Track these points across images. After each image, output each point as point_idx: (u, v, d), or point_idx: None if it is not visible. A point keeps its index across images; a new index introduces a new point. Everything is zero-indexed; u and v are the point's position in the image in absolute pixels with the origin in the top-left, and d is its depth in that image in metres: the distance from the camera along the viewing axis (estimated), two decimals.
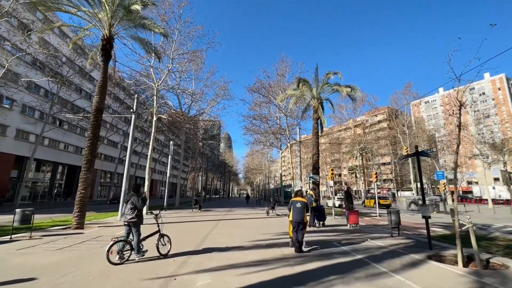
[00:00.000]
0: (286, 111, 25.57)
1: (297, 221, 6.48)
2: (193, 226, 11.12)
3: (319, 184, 16.88)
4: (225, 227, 10.89)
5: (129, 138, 14.52)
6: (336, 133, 64.54)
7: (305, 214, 6.58)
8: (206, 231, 9.51)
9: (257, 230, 10.03)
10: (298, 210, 6.57)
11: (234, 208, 23.92)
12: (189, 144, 42.45)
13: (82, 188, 10.38)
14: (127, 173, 13.95)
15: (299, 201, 6.75)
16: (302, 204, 6.66)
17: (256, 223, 12.35)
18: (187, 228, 10.38)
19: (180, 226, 11.10)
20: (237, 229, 10.22)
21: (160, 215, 6.05)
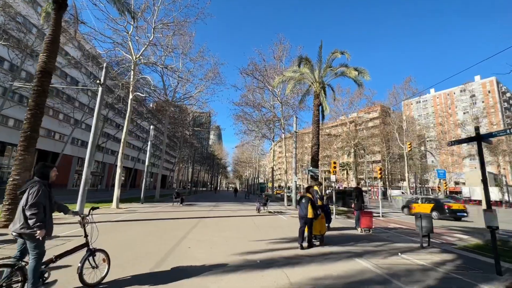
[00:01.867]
0: (282, 99, 23.31)
1: (301, 216, 6.68)
2: (166, 226, 8.79)
3: (318, 178, 14.86)
4: (207, 228, 8.63)
5: (94, 115, 11.89)
6: (328, 129, 63.15)
7: (309, 210, 6.56)
8: (180, 234, 7.22)
9: (248, 233, 7.84)
10: (302, 205, 6.73)
11: (221, 203, 21.68)
12: (176, 132, 39.64)
13: (16, 174, 7.81)
14: (89, 158, 11.37)
15: (304, 196, 6.87)
16: (306, 200, 6.73)
17: (246, 223, 10.16)
18: (156, 229, 8.05)
19: (148, 225, 8.75)
20: (222, 232, 7.98)
21: (88, 220, 3.69)
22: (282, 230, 8.66)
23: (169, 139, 56.89)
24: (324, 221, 7.70)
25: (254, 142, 42.65)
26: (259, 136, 32.37)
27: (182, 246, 5.82)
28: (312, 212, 6.51)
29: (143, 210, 13.55)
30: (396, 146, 40.16)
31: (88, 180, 11.28)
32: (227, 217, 11.83)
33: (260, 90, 24.73)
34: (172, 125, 32.21)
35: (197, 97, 25.01)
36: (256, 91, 24.68)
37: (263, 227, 9.25)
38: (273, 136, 29.08)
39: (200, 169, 58.78)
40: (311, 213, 6.49)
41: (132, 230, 7.62)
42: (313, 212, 6.56)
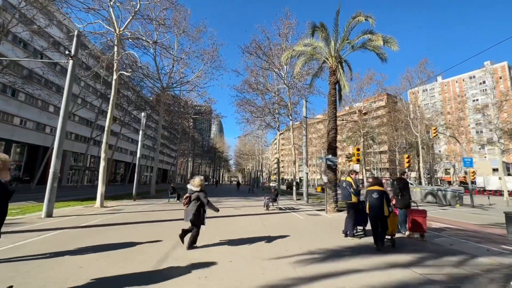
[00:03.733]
0: (288, 82, 20.87)
1: (373, 215, 5.50)
2: (148, 233, 6.61)
3: (336, 169, 12.60)
4: (203, 236, 6.43)
5: (64, 94, 9.62)
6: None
7: (385, 207, 5.39)
8: (162, 249, 5.02)
9: (260, 244, 5.63)
10: (375, 201, 5.45)
11: (223, 198, 19.57)
12: (174, 124, 37.39)
13: None
14: (57, 148, 9.15)
15: (376, 190, 5.55)
16: (379, 194, 5.46)
17: (254, 226, 7.96)
18: (132, 238, 5.87)
19: (123, 232, 6.58)
20: (224, 247, 5.77)
21: None
22: (304, 236, 6.46)
23: (169, 131, 54.77)
24: (397, 219, 6.43)
25: (257, 133, 40.34)
26: (263, 125, 30.04)
27: (154, 277, 3.61)
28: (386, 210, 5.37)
29: (130, 209, 11.43)
30: (410, 135, 37.62)
31: (57, 175, 9.11)
32: (230, 217, 9.64)
33: (264, 73, 22.27)
34: (168, 114, 29.91)
35: (194, 83, 22.67)
36: (259, 75, 22.20)
37: (277, 231, 7.04)
38: (278, 125, 26.72)
39: (201, 162, 56.75)
40: (387, 210, 5.37)
41: (94, 241, 5.44)
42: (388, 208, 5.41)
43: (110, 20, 13.31)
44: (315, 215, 10.93)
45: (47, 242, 5.30)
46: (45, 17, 22.45)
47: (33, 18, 19.71)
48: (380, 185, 5.67)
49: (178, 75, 21.92)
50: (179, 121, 34.09)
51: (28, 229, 6.55)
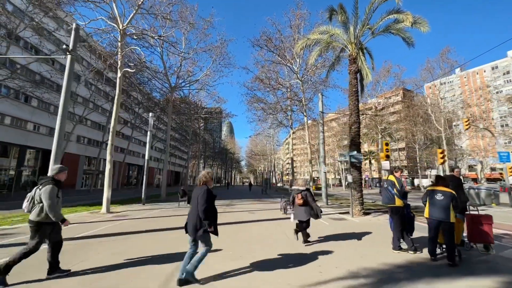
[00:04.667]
0: (302, 76, 19.66)
1: (437, 219, 4.36)
2: (150, 246, 5.65)
3: (360, 167, 11.31)
4: (213, 257, 5.41)
5: (62, 91, 8.90)
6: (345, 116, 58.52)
7: (451, 212, 4.29)
8: (161, 275, 4.02)
9: (287, 272, 4.52)
10: (439, 204, 4.36)
11: (236, 200, 18.58)
12: (185, 126, 36.86)
13: None
14: (55, 150, 8.42)
15: (441, 191, 4.44)
16: (446, 196, 4.34)
17: (274, 235, 6.86)
18: (130, 255, 4.92)
19: (121, 246, 5.63)
20: (238, 260, 4.72)
21: None
22: (337, 249, 5.30)
23: (180, 133, 54.61)
24: (462, 226, 5.13)
25: (269, 132, 39.23)
26: (275, 124, 28.91)
27: None
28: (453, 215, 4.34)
29: (137, 215, 10.60)
30: (431, 130, 35.32)
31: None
32: (244, 223, 8.58)
33: (275, 68, 21.14)
34: (178, 115, 29.30)
35: (203, 81, 21.85)
36: (270, 70, 21.08)
37: (301, 241, 5.90)
38: (291, 123, 25.52)
39: (212, 164, 56.21)
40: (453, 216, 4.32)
41: (85, 257, 4.50)
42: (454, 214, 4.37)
43: (112, 15, 12.64)
44: (339, 219, 9.70)
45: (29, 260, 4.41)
46: (53, 21, 22.37)
47: (41, 21, 19.52)
48: (446, 185, 4.54)
49: (187, 74, 21.14)
50: (189, 123, 33.48)
51: (16, 242, 5.74)
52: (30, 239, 3.45)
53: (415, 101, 43.60)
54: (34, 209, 3.44)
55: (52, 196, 3.39)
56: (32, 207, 3.48)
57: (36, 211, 3.41)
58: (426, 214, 4.67)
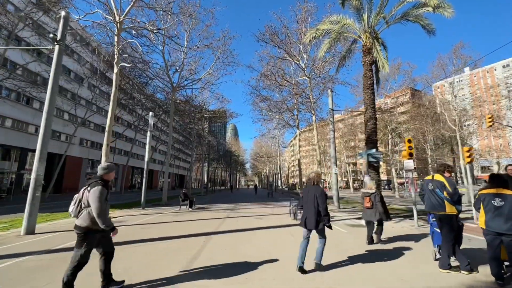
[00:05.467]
0: (309, 73, 18.66)
1: (498, 231, 3.38)
2: (139, 263, 4.69)
3: (378, 167, 10.21)
4: (212, 271, 4.41)
5: (49, 85, 8.08)
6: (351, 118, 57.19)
7: None
8: None
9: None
10: (499, 212, 3.38)
11: (241, 204, 17.56)
12: (188, 128, 36.09)
13: None
14: (40, 150, 7.59)
15: (500, 194, 3.43)
16: (508, 202, 3.34)
17: (288, 250, 5.84)
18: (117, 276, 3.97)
19: (90, 262, 4.68)
20: (245, 284, 3.73)
21: None
22: (365, 266, 4.25)
23: (183, 136, 53.92)
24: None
25: (274, 133, 38.21)
26: (281, 124, 27.90)
27: None
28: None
29: (134, 221, 9.68)
30: (444, 129, 33.83)
31: (40, 182, 7.50)
32: (250, 231, 7.57)
33: (281, 65, 20.18)
34: (180, 116, 28.53)
35: (206, 80, 21.02)
36: (276, 67, 20.11)
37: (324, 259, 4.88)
38: (297, 123, 24.48)
39: (216, 167, 55.37)
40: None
41: (51, 278, 3.56)
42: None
43: (108, 6, 11.88)
44: (358, 226, 8.60)
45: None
46: (54, 22, 21.93)
47: (40, 21, 19.04)
48: (505, 186, 3.48)
49: (189, 72, 20.34)
50: (192, 126, 32.71)
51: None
52: (76, 248, 3.01)
53: (423, 101, 42.21)
54: (81, 214, 3.00)
55: (101, 199, 2.94)
56: (79, 211, 3.03)
57: (84, 216, 2.97)
58: (481, 224, 3.67)
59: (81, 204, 3.01)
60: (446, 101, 32.73)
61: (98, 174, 3.16)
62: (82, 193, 3.03)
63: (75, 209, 3.03)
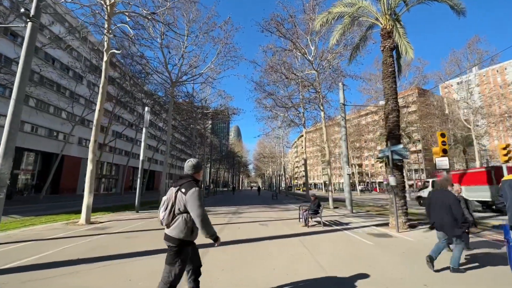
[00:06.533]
0: (317, 67, 17.37)
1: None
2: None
3: (402, 166, 8.86)
4: None
5: (19, 68, 6.90)
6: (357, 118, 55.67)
7: None
8: None
9: None
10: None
11: (244, 207, 16.27)
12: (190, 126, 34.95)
13: None
14: (6, 142, 6.39)
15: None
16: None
17: (306, 271, 4.53)
18: None
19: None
20: None
21: None
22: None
23: (186, 136, 52.87)
24: None
25: (278, 133, 36.91)
26: (286, 123, 26.65)
27: None
28: None
29: (122, 227, 8.45)
30: (458, 128, 32.23)
31: (4, 182, 6.28)
32: (255, 243, 6.26)
33: (287, 57, 18.91)
34: (179, 113, 27.42)
35: (207, 75, 19.84)
36: (281, 60, 18.83)
37: (351, 281, 3.56)
38: (303, 121, 23.18)
39: (219, 167, 54.23)
40: None
41: None
42: None
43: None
44: (381, 235, 7.26)
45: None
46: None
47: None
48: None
49: (189, 66, 19.16)
50: (194, 125, 31.54)
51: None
52: (168, 265, 2.44)
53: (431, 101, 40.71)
54: (175, 222, 2.43)
55: (202, 203, 2.43)
56: (173, 218, 2.44)
57: (179, 224, 2.41)
58: None
59: (174, 209, 2.41)
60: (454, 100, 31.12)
61: (186, 172, 2.62)
62: (175, 196, 2.43)
63: (168, 216, 2.42)
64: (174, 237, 2.39)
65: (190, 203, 2.36)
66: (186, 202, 2.36)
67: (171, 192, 2.48)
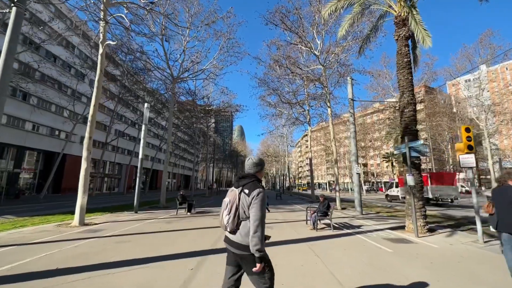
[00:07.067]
0: (324, 61, 16.63)
1: None
2: None
3: (420, 165, 8.11)
4: None
5: (1, 56, 6.33)
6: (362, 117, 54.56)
7: None
8: None
9: None
10: None
11: None
12: (193, 125, 34.44)
13: None
14: None
15: None
16: None
17: (324, 284, 3.84)
18: None
19: None
20: None
21: None
22: None
23: (189, 135, 52.44)
24: None
25: (282, 131, 36.22)
26: (290, 121, 25.93)
27: None
28: None
29: (116, 229, 7.86)
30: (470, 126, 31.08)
31: None
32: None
33: (292, 52, 18.21)
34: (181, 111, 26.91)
35: (209, 71, 19.24)
36: (287, 51, 18.12)
37: None
38: (308, 118, 22.46)
39: (222, 167, 53.69)
40: None
41: None
42: None
43: None
44: (399, 240, 6.54)
45: None
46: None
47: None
48: None
49: (191, 62, 18.59)
50: (196, 124, 31.04)
51: None
52: (257, 277, 2.07)
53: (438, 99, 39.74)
54: (244, 227, 2.10)
55: (265, 208, 2.10)
56: (238, 223, 2.13)
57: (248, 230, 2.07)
58: None
59: (238, 213, 2.16)
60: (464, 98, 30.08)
61: (248, 171, 2.38)
62: (238, 198, 2.18)
63: (233, 221, 2.15)
64: (243, 244, 2.09)
65: (252, 205, 2.10)
66: (249, 203, 2.10)
67: (234, 194, 2.23)
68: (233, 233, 2.15)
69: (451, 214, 12.81)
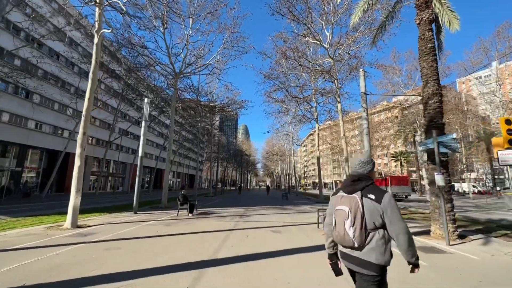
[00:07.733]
0: (333, 54, 15.72)
1: None
2: None
3: (447, 163, 7.20)
4: None
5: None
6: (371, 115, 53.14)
7: None
8: None
9: None
10: None
11: (252, 209, 14.86)
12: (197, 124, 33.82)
13: None
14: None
15: None
16: None
17: None
18: None
19: None
20: None
21: None
22: None
23: (193, 134, 51.94)
24: None
25: (288, 130, 35.34)
26: (297, 119, 25.11)
27: None
28: None
29: (110, 232, 7.17)
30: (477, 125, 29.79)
31: None
32: (267, 260, 4.80)
33: (300, 44, 17.32)
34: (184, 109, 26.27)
35: (213, 66, 18.51)
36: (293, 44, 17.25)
37: None
38: (316, 115, 21.56)
39: (226, 165, 53.05)
40: None
41: None
42: None
43: None
44: (428, 249, 5.67)
45: None
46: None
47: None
48: None
49: (194, 56, 17.88)
50: (200, 123, 30.37)
51: None
52: None
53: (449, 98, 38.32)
54: (372, 241, 1.72)
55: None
56: (367, 235, 1.73)
57: (379, 244, 1.72)
58: None
59: (364, 223, 1.71)
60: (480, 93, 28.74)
61: (359, 172, 1.92)
62: (361, 204, 1.74)
63: (360, 234, 1.70)
64: (374, 262, 1.72)
65: (389, 214, 1.76)
66: (385, 211, 1.75)
67: (353, 201, 1.81)
68: (360, 249, 1.74)
69: (473, 217, 11.83)
